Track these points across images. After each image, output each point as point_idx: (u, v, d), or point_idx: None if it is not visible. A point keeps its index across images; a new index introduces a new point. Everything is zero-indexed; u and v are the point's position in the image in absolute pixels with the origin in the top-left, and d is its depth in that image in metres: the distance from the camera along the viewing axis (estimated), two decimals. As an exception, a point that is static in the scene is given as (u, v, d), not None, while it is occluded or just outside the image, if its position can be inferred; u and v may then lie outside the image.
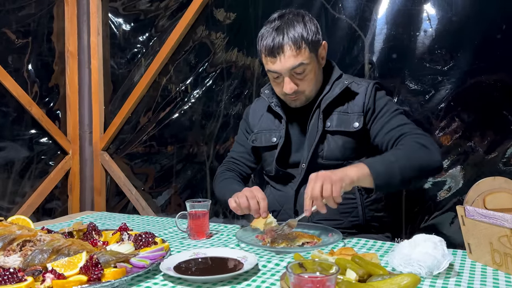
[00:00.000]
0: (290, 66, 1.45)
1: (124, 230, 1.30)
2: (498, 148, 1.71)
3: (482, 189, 1.13)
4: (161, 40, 2.58)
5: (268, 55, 1.47)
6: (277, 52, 1.45)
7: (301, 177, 1.53)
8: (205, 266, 1.08)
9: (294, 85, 1.49)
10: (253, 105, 1.80)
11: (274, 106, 1.63)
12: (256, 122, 1.73)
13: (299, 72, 1.47)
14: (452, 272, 1.01)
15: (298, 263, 0.81)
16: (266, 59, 1.49)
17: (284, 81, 1.49)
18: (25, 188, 2.54)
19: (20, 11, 2.52)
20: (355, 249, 1.20)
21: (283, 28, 1.45)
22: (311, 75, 1.50)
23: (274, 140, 1.62)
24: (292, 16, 1.49)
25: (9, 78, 2.42)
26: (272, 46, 1.44)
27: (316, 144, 1.51)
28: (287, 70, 1.46)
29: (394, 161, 1.33)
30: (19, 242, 1.11)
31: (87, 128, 2.82)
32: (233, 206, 1.37)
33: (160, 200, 2.65)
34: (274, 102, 1.64)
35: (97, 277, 0.95)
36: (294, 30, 1.44)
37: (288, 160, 1.60)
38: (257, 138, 1.69)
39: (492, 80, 1.71)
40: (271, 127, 1.66)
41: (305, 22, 1.47)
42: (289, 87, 1.48)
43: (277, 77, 1.51)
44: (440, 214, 1.82)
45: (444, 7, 1.79)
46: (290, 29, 1.44)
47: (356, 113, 1.51)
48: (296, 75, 1.48)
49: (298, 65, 1.45)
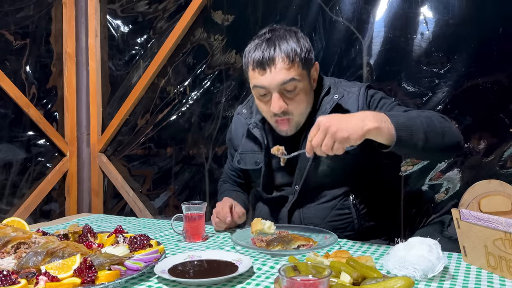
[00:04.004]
0: (281, 81, 1.32)
1: (120, 232, 1.30)
2: (495, 151, 1.72)
3: (477, 192, 1.13)
4: (159, 42, 2.58)
5: (257, 67, 1.34)
6: (267, 64, 1.32)
7: (294, 199, 1.48)
8: (200, 268, 1.07)
9: (284, 104, 1.34)
10: (233, 123, 1.68)
11: (252, 128, 1.51)
12: (239, 142, 1.62)
13: (290, 90, 1.34)
14: (447, 275, 1.00)
15: (292, 265, 0.81)
16: (254, 72, 1.35)
17: (272, 99, 1.35)
18: (22, 189, 2.54)
19: (18, 13, 2.52)
20: (351, 251, 1.20)
21: (274, 40, 1.34)
22: (302, 95, 1.37)
23: (258, 163, 1.53)
24: (284, 31, 1.38)
25: (6, 79, 2.42)
26: (262, 58, 1.32)
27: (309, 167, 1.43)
28: (276, 85, 1.33)
29: (416, 117, 1.19)
30: (13, 244, 1.10)
31: (85, 130, 2.81)
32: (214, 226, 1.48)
33: (157, 202, 2.65)
34: (252, 123, 1.52)
35: (91, 280, 0.94)
36: (287, 44, 1.33)
37: (278, 181, 1.54)
38: (242, 159, 1.60)
39: (489, 83, 1.71)
40: (254, 148, 1.55)
41: (298, 37, 1.37)
42: (278, 105, 1.33)
43: (265, 94, 1.37)
44: (438, 216, 1.82)
45: (441, 10, 1.79)
46: (282, 41, 1.34)
47: None
48: (286, 93, 1.35)
49: (289, 80, 1.32)
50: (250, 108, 1.59)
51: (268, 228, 1.31)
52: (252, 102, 1.58)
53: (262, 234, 1.32)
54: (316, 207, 1.47)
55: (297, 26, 2.07)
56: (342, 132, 1.09)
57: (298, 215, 1.49)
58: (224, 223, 1.45)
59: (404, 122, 1.15)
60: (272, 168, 1.53)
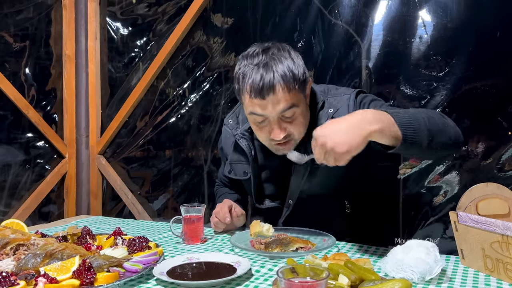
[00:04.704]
0: (282, 109, 1.27)
1: (118, 234, 1.30)
2: (493, 154, 1.72)
3: (474, 195, 1.13)
4: (158, 44, 2.58)
5: (256, 97, 1.26)
6: (266, 93, 1.24)
7: (288, 211, 1.48)
8: (198, 271, 1.08)
9: (284, 130, 1.30)
10: (223, 133, 1.65)
11: (239, 139, 1.49)
12: (229, 151, 1.59)
13: (289, 116, 1.30)
14: (444, 278, 1.01)
15: (290, 268, 0.81)
16: (251, 101, 1.28)
17: (270, 126, 1.31)
18: (21, 191, 2.54)
19: (18, 15, 2.53)
20: (349, 254, 1.21)
21: (271, 65, 1.26)
22: (300, 118, 1.32)
23: (246, 173, 1.51)
24: (278, 51, 1.30)
25: (6, 81, 2.43)
26: (262, 86, 1.24)
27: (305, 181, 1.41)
28: (276, 114, 1.28)
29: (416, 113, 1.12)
30: (12, 246, 1.11)
31: (84, 132, 2.82)
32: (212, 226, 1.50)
33: (156, 204, 2.65)
34: (238, 134, 1.49)
35: (90, 281, 0.94)
36: (283, 66, 1.26)
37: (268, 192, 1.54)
38: (233, 169, 1.58)
39: (487, 86, 1.72)
40: (242, 159, 1.53)
41: (292, 58, 1.30)
42: (278, 133, 1.29)
43: (262, 121, 1.32)
44: (437, 219, 1.82)
45: (439, 13, 1.80)
46: (278, 65, 1.26)
47: None
48: (284, 119, 1.30)
49: (289, 107, 1.27)
50: (237, 118, 1.55)
51: (266, 230, 1.32)
52: (239, 112, 1.55)
53: (260, 236, 1.33)
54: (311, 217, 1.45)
55: (296, 29, 2.08)
56: (340, 146, 1.01)
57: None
58: (223, 224, 1.46)
59: (407, 119, 1.07)
60: (261, 179, 1.53)
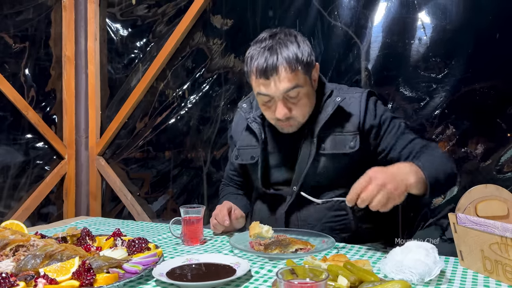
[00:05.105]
0: (285, 89, 1.35)
1: (118, 235, 1.30)
2: (492, 156, 1.72)
3: (473, 197, 1.14)
4: (158, 45, 2.59)
5: (260, 77, 1.36)
6: (270, 74, 1.34)
7: (292, 199, 1.49)
8: (198, 272, 1.08)
9: (287, 111, 1.39)
10: (235, 119, 1.73)
11: (251, 122, 1.55)
12: (238, 136, 1.65)
13: (293, 96, 1.38)
14: (444, 279, 1.01)
15: (289, 269, 0.81)
16: (257, 81, 1.38)
17: (276, 105, 1.39)
18: (20, 192, 2.54)
19: (18, 16, 2.53)
20: (348, 255, 1.21)
21: (276, 48, 1.35)
22: (304, 99, 1.41)
23: (254, 157, 1.56)
24: (284, 36, 1.39)
25: (5, 82, 2.43)
26: (265, 67, 1.34)
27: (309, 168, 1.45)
28: (280, 93, 1.36)
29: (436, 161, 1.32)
30: (12, 247, 1.11)
31: (83, 133, 2.82)
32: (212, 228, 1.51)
33: (155, 205, 2.65)
34: (251, 118, 1.56)
35: (89, 282, 0.94)
36: (288, 50, 1.35)
37: (275, 179, 1.55)
38: (240, 154, 1.62)
39: (486, 88, 1.72)
40: (251, 143, 1.58)
41: (298, 42, 1.38)
42: (282, 112, 1.38)
43: (269, 100, 1.41)
44: (436, 220, 1.82)
45: (439, 15, 1.81)
46: (283, 49, 1.35)
47: (351, 132, 1.44)
48: (289, 99, 1.39)
49: (292, 87, 1.35)
50: (251, 103, 1.63)
51: (266, 232, 1.32)
52: (253, 98, 1.62)
53: (260, 237, 1.33)
54: (313, 208, 1.48)
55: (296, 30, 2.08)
56: (399, 188, 1.14)
57: (295, 216, 1.50)
58: (222, 226, 1.46)
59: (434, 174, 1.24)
60: (269, 164, 1.56)
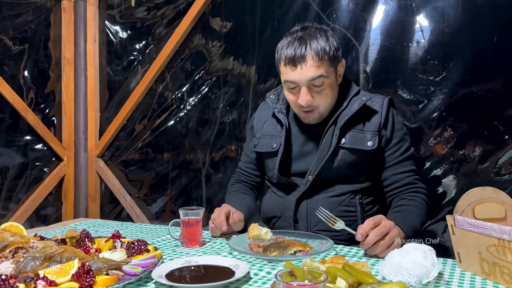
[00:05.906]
0: (310, 77, 1.43)
1: (117, 237, 1.30)
2: (490, 158, 1.73)
3: (471, 199, 1.14)
4: (157, 48, 2.59)
5: (288, 64, 1.46)
6: (298, 61, 1.43)
7: (305, 188, 1.52)
8: (197, 274, 1.08)
9: (310, 98, 1.47)
10: (258, 110, 1.79)
11: (278, 112, 1.62)
12: (260, 127, 1.72)
13: (318, 85, 1.46)
14: (441, 281, 1.02)
15: (288, 271, 0.82)
16: (285, 68, 1.48)
17: (300, 92, 1.47)
18: (19, 194, 2.54)
19: (17, 18, 2.53)
20: (347, 257, 1.21)
21: (306, 39, 1.45)
22: (328, 89, 1.49)
23: (274, 146, 1.61)
24: (315, 30, 1.49)
25: (5, 84, 2.43)
26: (294, 55, 1.44)
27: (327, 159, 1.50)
28: (306, 81, 1.44)
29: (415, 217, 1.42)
30: (11, 249, 1.11)
31: (82, 135, 2.82)
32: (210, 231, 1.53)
33: (154, 207, 2.65)
34: (278, 108, 1.63)
35: (89, 284, 0.95)
36: (317, 42, 1.44)
37: (290, 168, 1.60)
38: (259, 143, 1.68)
39: (484, 91, 1.73)
40: (273, 133, 1.65)
41: (327, 36, 1.48)
42: (305, 99, 1.46)
43: (294, 87, 1.49)
44: (434, 222, 1.83)
45: (437, 19, 1.81)
46: (313, 40, 1.44)
47: (371, 131, 1.51)
48: (313, 88, 1.47)
49: (318, 76, 1.43)
50: (278, 95, 1.71)
51: (265, 234, 1.32)
52: (280, 91, 1.71)
53: (259, 239, 1.33)
54: (324, 199, 1.51)
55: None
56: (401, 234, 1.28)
57: (305, 205, 1.53)
58: (220, 230, 1.47)
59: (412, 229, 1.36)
60: (290, 153, 1.60)
